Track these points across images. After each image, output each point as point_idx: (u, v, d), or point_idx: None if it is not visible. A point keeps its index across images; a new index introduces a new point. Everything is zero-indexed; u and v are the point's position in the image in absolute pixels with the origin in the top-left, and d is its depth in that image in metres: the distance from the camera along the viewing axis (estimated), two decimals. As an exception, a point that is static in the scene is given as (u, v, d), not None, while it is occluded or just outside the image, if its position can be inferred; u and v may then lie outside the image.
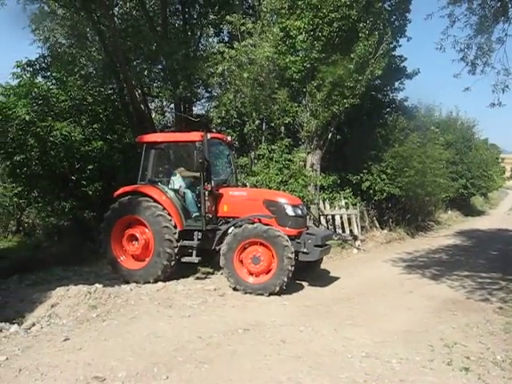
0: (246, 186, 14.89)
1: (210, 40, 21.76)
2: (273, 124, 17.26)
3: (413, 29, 21.55)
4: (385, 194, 19.50)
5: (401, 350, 6.99)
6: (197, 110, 21.04)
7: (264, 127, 17.55)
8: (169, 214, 10.86)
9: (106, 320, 7.85)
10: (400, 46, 20.33)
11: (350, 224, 17.73)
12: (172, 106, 20.76)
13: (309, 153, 17.42)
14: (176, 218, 10.93)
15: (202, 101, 21.20)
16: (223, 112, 16.55)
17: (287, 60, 16.30)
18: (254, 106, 16.59)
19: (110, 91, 17.52)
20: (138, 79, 17.84)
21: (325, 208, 17.86)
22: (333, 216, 17.86)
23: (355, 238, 17.38)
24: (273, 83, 16.72)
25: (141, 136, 12.18)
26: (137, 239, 10.98)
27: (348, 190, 18.37)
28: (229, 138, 12.47)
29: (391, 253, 16.58)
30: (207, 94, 20.47)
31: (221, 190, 11.17)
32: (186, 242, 10.95)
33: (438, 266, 14.36)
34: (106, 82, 17.32)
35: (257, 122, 16.89)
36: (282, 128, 17.54)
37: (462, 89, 12.83)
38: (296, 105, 16.89)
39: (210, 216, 10.95)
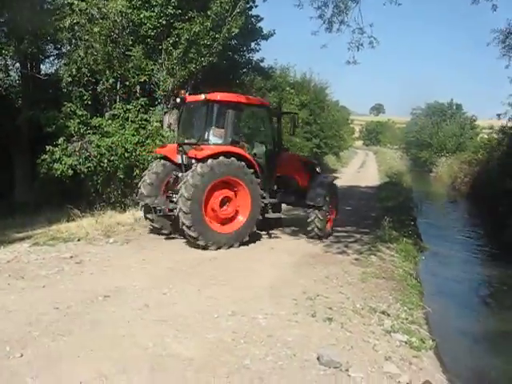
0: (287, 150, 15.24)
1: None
2: (128, 83, 16.59)
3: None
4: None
5: (266, 306, 7.13)
6: (45, 68, 19.66)
7: (118, 86, 16.79)
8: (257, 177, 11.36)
9: None
10: (256, 6, 20.34)
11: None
12: (18, 64, 19.04)
13: (165, 112, 17.05)
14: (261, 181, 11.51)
15: (51, 58, 19.72)
16: (74, 70, 15.62)
17: (142, 15, 15.71)
18: (107, 63, 15.87)
19: None
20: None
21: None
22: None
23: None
24: (127, 40, 16.03)
25: (213, 93, 11.50)
26: (228, 202, 11.10)
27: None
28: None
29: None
30: (56, 51, 19.06)
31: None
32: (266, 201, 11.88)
33: (296, 223, 14.74)
34: None
35: (111, 80, 16.16)
36: (138, 87, 16.97)
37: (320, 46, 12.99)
38: (152, 63, 16.40)
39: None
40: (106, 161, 14.95)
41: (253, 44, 22.02)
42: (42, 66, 18.97)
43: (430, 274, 11.56)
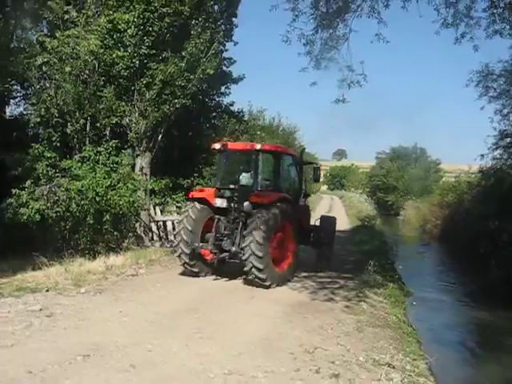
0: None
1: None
2: (98, 124, 15.97)
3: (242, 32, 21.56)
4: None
5: (262, 362, 6.48)
6: (11, 109, 18.88)
7: (89, 127, 16.15)
8: None
9: None
10: (227, 50, 20.22)
11: (181, 230, 17.00)
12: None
13: (138, 155, 16.48)
14: None
15: (17, 99, 19.00)
16: (43, 110, 14.94)
17: (114, 55, 15.24)
18: (77, 104, 15.23)
19: None
20: None
21: (156, 214, 16.99)
22: (164, 222, 17.04)
23: (188, 244, 16.68)
24: (98, 80, 15.50)
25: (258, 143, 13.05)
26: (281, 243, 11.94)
27: (180, 194, 17.66)
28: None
29: (226, 258, 16.11)
30: (23, 91, 18.35)
31: None
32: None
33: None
34: None
35: (81, 121, 15.55)
36: (109, 129, 16.33)
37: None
38: (124, 104, 15.87)
39: None
40: (74, 205, 14.14)
41: (223, 88, 21.88)
42: (7, 106, 18.16)
43: (421, 321, 11.04)
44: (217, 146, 13.06)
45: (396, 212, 56.06)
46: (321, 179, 20.17)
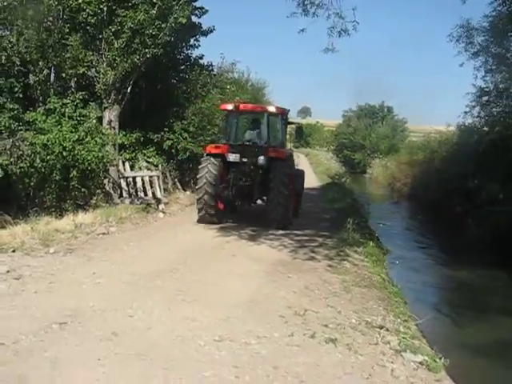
0: None
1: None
2: (64, 75, 15.04)
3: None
4: (188, 153, 18.43)
5: (253, 327, 6.08)
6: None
7: (53, 78, 15.20)
8: None
9: None
10: (196, 0, 19.25)
11: (151, 186, 16.39)
12: None
13: (106, 108, 15.67)
14: None
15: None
16: (3, 58, 13.85)
17: (80, 0, 14.17)
18: (40, 52, 14.23)
19: None
20: None
21: (125, 170, 16.28)
22: (134, 178, 16.36)
23: (158, 201, 16.06)
24: (63, 27, 14.52)
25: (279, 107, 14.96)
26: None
27: (151, 149, 16.98)
28: None
29: (198, 215, 15.63)
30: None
31: None
32: None
33: (251, 225, 13.76)
34: None
35: (45, 71, 14.58)
36: (75, 79, 15.42)
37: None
38: (91, 53, 14.98)
39: None
40: (39, 161, 13.33)
41: (192, 40, 20.97)
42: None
43: (403, 280, 10.80)
44: (229, 106, 14.62)
45: (363, 170, 56.37)
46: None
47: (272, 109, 14.64)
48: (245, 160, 13.67)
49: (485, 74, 18.00)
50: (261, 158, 13.49)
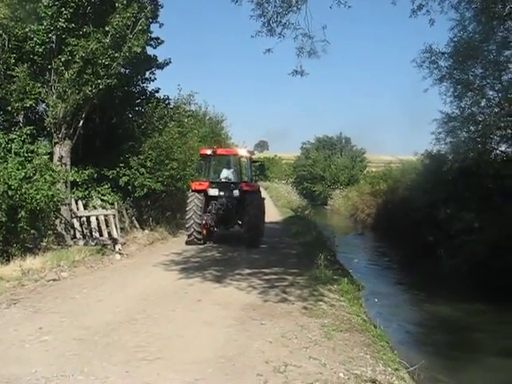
0: None
1: None
2: (10, 108, 13.97)
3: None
4: (145, 189, 17.44)
5: (228, 390, 5.13)
6: None
7: (-2, 112, 14.16)
8: None
9: None
10: (151, 32, 18.58)
11: (107, 226, 15.33)
12: None
13: (56, 143, 14.64)
14: None
15: None
16: None
17: (27, 29, 13.30)
18: (-17, 84, 13.18)
19: None
20: None
21: (78, 209, 15.21)
22: (88, 218, 15.30)
23: (115, 241, 15.01)
24: (9, 57, 13.53)
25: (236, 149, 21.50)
26: None
27: (106, 186, 15.96)
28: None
29: (159, 255, 14.61)
30: None
31: None
32: None
33: (215, 265, 12.97)
34: None
35: (-11, 104, 13.49)
36: (22, 113, 14.38)
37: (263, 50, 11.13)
38: (39, 85, 13.98)
39: None
40: (-18, 201, 12.19)
41: (147, 73, 20.22)
42: None
43: (383, 320, 9.99)
44: (208, 151, 18.20)
45: (323, 202, 56.13)
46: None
47: (242, 152, 18.77)
48: (222, 194, 17.02)
49: (451, 100, 17.74)
50: (235, 192, 16.94)
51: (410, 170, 26.86)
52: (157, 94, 20.77)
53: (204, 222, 16.68)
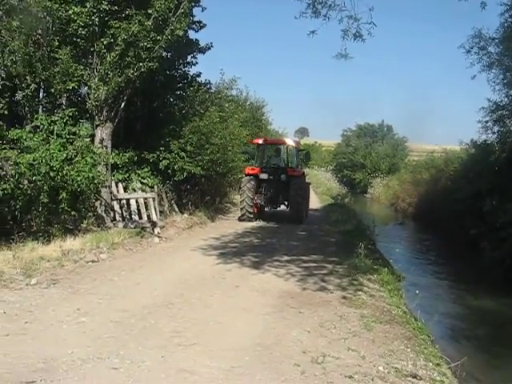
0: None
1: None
2: (53, 90, 14.05)
3: None
4: (185, 173, 17.41)
5: (264, 380, 5.02)
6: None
7: (42, 94, 14.27)
8: None
9: None
10: (194, 16, 18.54)
11: (147, 209, 15.38)
12: None
13: (98, 126, 14.70)
14: None
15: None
16: (-14, 71, 12.92)
17: (71, 11, 13.29)
18: (28, 66, 13.30)
19: None
20: None
21: (118, 191, 15.30)
22: (127, 200, 15.38)
23: (154, 224, 15.04)
24: (52, 40, 13.63)
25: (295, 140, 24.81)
26: None
27: (146, 170, 15.99)
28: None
29: (197, 239, 14.59)
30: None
31: None
32: None
33: (253, 251, 12.86)
34: None
35: (32, 86, 13.59)
36: (65, 95, 14.48)
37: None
38: (82, 67, 14.03)
39: None
40: (26, 182, 12.30)
41: (189, 57, 20.15)
42: None
43: (424, 312, 9.72)
44: (260, 141, 21.32)
45: (363, 190, 55.46)
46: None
47: (289, 141, 22.24)
48: (271, 177, 19.93)
49: (500, 88, 17.09)
50: (283, 176, 19.80)
51: (453, 160, 26.18)
52: (198, 79, 20.77)
53: (255, 201, 19.42)
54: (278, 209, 20.93)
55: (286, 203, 20.17)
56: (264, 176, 19.85)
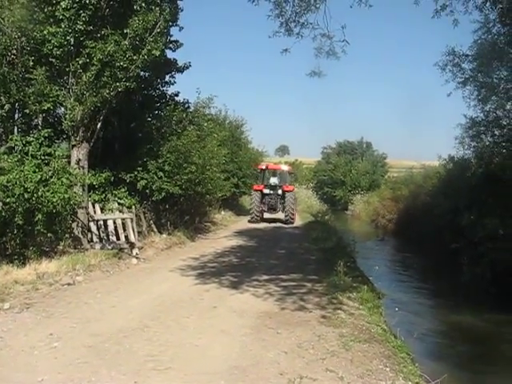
0: None
1: None
2: (28, 111, 13.86)
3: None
4: (163, 193, 17.27)
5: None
6: None
7: (17, 114, 14.09)
8: None
9: None
10: (171, 35, 18.59)
11: (124, 230, 15.20)
12: None
13: (74, 146, 14.50)
14: None
15: None
16: (-41, 93, 12.73)
17: (45, 31, 13.15)
18: (2, 87, 13.12)
19: None
20: None
21: (95, 212, 15.09)
22: (105, 221, 15.17)
23: (132, 245, 14.87)
24: (27, 60, 13.47)
25: (281, 165, 37.61)
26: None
27: (123, 190, 15.83)
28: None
29: (175, 260, 14.47)
30: None
31: None
32: None
33: (232, 271, 12.78)
34: None
35: (7, 107, 13.39)
36: (41, 115, 14.32)
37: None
38: (57, 88, 13.83)
39: None
40: (0, 204, 12.10)
41: (167, 77, 20.16)
42: None
43: (404, 330, 9.67)
44: (263, 166, 31.63)
45: (344, 207, 55.66)
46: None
47: (284, 167, 33.63)
48: (271, 192, 29.13)
49: (475, 104, 17.30)
50: (279, 191, 28.98)
51: (432, 175, 26.41)
52: (177, 98, 20.75)
53: (260, 209, 28.75)
54: (275, 215, 29.52)
55: (282, 210, 28.91)
56: (266, 191, 29.12)
